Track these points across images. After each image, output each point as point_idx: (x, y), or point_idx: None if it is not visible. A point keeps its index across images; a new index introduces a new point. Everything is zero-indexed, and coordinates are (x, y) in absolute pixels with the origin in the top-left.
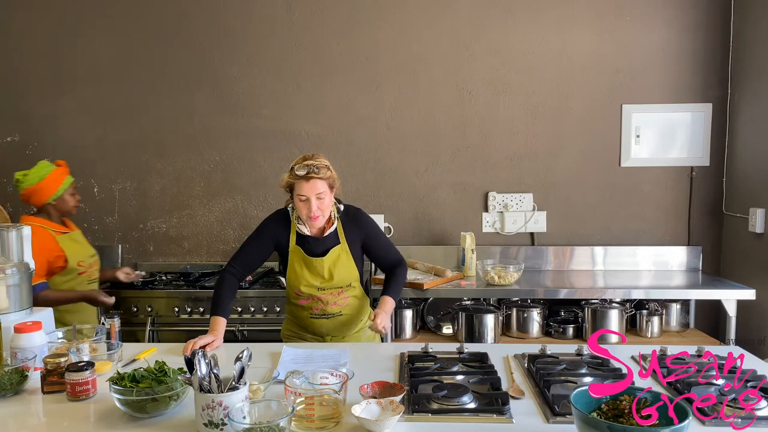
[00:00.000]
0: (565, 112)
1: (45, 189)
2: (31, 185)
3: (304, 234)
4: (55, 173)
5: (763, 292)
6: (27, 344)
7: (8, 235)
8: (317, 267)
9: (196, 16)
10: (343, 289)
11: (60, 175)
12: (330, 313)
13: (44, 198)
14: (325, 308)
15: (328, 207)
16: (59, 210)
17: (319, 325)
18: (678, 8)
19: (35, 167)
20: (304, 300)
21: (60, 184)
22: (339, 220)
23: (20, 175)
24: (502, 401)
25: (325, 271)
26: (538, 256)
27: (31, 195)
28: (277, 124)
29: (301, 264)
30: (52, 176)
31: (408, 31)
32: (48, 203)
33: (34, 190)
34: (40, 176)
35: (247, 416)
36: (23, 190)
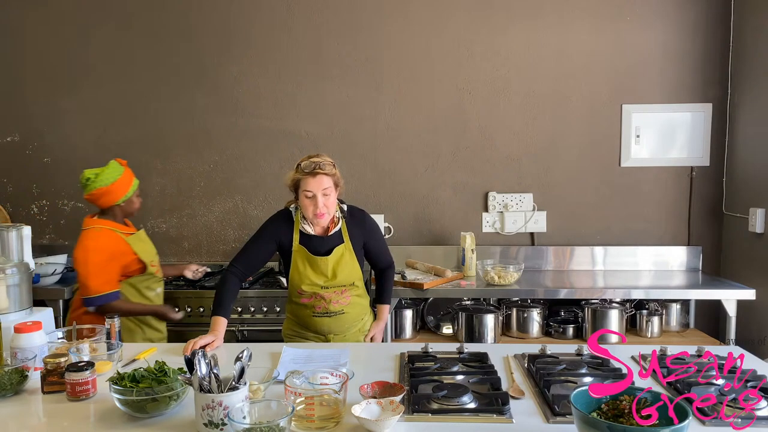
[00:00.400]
0: (565, 112)
1: (117, 190)
2: (104, 186)
3: (308, 233)
4: (126, 174)
5: (763, 292)
6: (27, 344)
7: (8, 235)
8: (321, 266)
9: (197, 16)
10: (346, 288)
11: (129, 176)
12: (332, 311)
13: (115, 199)
14: (328, 306)
15: (333, 205)
16: (125, 211)
17: (321, 323)
18: (678, 8)
19: (107, 167)
20: (307, 298)
21: (130, 186)
22: (343, 219)
23: (91, 174)
24: (502, 401)
25: (329, 270)
26: (538, 256)
27: (102, 196)
28: (277, 124)
29: (305, 263)
30: (124, 177)
31: (408, 31)
32: (116, 204)
33: (107, 191)
34: (114, 177)
35: (247, 416)
36: (94, 191)
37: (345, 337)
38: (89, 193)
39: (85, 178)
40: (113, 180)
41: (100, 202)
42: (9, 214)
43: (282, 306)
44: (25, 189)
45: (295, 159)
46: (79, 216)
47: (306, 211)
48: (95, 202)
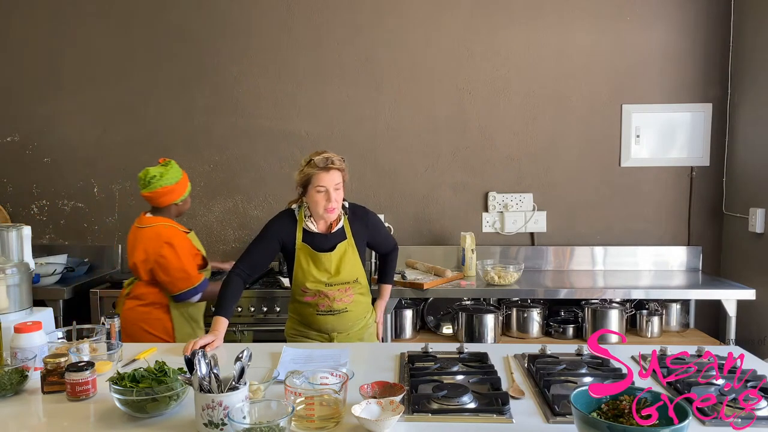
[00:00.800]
0: (565, 112)
1: (178, 189)
2: (169, 184)
3: (311, 231)
4: (185, 175)
5: (763, 292)
6: (27, 344)
7: (8, 235)
8: (324, 262)
9: (197, 16)
10: (350, 285)
11: (187, 177)
12: (336, 309)
13: (174, 198)
14: (332, 304)
15: (341, 200)
16: (179, 210)
17: (325, 321)
18: (678, 8)
19: (170, 167)
20: (311, 297)
21: (187, 186)
22: (345, 216)
23: (156, 172)
24: (502, 401)
25: (332, 266)
26: (538, 256)
27: (164, 194)
28: (277, 124)
29: (308, 260)
30: (184, 177)
31: (408, 31)
32: (174, 203)
33: (170, 190)
34: (177, 177)
35: (247, 416)
36: (159, 188)
37: (348, 335)
38: (153, 191)
39: (150, 175)
40: (177, 179)
41: (160, 200)
42: (9, 214)
43: (282, 306)
44: (25, 189)
45: (295, 159)
46: (79, 216)
47: (317, 206)
48: (155, 200)
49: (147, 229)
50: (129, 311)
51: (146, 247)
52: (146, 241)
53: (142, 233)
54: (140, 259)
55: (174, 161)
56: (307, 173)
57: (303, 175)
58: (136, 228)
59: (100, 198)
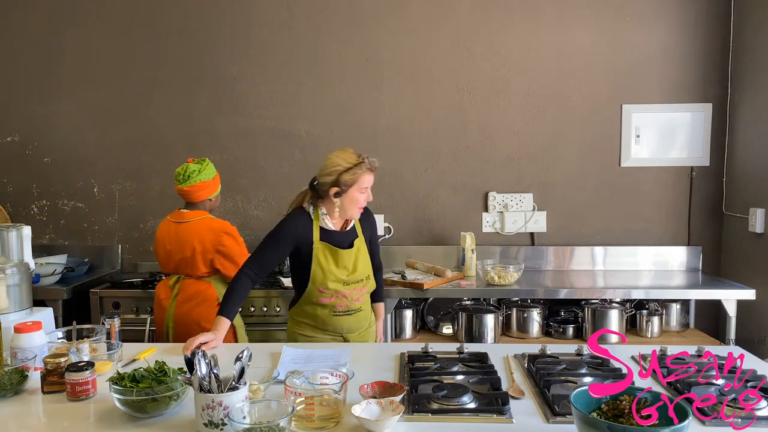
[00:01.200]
0: (565, 112)
1: (213, 185)
2: (207, 179)
3: (328, 229)
4: (218, 173)
5: (763, 292)
6: (27, 344)
7: (8, 235)
8: (344, 259)
9: (197, 16)
10: (363, 283)
11: (218, 175)
12: (353, 309)
13: (209, 193)
14: (350, 304)
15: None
16: (211, 207)
17: (342, 322)
18: (678, 8)
19: (206, 164)
20: (328, 298)
21: (219, 183)
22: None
23: (195, 167)
24: (502, 401)
25: (350, 263)
26: (538, 256)
27: (201, 189)
28: (277, 124)
29: (328, 258)
30: (217, 174)
31: (408, 31)
32: (208, 199)
33: (207, 185)
34: (213, 173)
35: (247, 416)
36: (198, 182)
37: (359, 335)
38: (192, 185)
39: (190, 170)
40: (213, 175)
41: (197, 195)
42: (9, 214)
43: (282, 306)
44: (25, 189)
45: (295, 159)
46: (79, 216)
47: (354, 206)
48: (192, 194)
49: (193, 223)
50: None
51: (202, 239)
52: (200, 234)
53: (187, 228)
54: (198, 252)
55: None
56: (357, 174)
57: (354, 175)
58: (175, 224)
59: (100, 198)
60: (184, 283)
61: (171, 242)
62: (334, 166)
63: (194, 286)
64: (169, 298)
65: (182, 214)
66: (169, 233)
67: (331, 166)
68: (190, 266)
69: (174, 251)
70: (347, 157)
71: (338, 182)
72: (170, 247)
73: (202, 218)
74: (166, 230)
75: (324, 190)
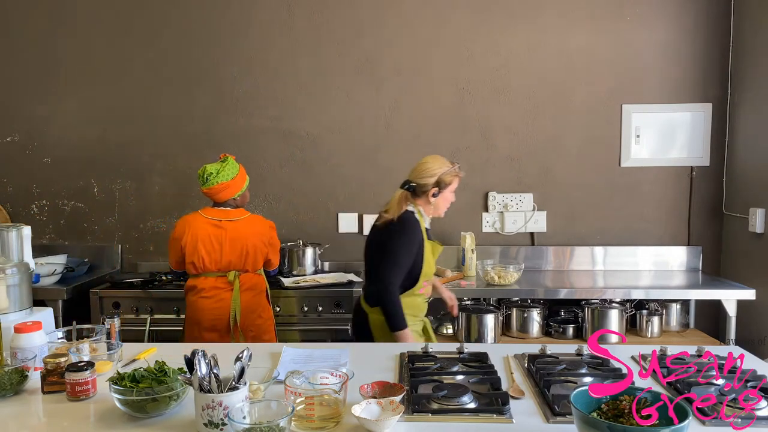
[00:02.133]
0: (565, 112)
1: (234, 185)
2: (226, 180)
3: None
4: (242, 170)
5: (763, 292)
6: (27, 344)
7: (8, 235)
8: (438, 251)
9: (197, 16)
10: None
11: (244, 171)
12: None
13: (232, 193)
14: (432, 293)
15: None
16: (241, 203)
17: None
18: (678, 8)
19: (227, 164)
20: (423, 288)
21: (245, 180)
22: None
23: (213, 169)
24: (502, 401)
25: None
26: (538, 256)
27: (222, 190)
28: (277, 124)
29: (431, 253)
30: (241, 172)
31: (408, 31)
32: (233, 198)
33: (226, 186)
34: (233, 173)
35: (247, 416)
36: (216, 185)
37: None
38: (210, 187)
39: (207, 173)
40: (233, 175)
41: (219, 196)
42: (9, 214)
43: (283, 306)
44: (25, 189)
45: (295, 159)
46: (79, 216)
47: (446, 204)
48: (214, 196)
49: (242, 221)
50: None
51: (259, 237)
52: (255, 233)
53: (237, 227)
54: (258, 249)
55: (231, 157)
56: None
57: (451, 177)
58: (218, 223)
59: (100, 198)
60: (244, 277)
61: (219, 242)
62: (435, 168)
63: (253, 279)
64: (231, 291)
65: (227, 212)
66: (217, 233)
67: (432, 169)
68: (250, 263)
69: (226, 250)
70: (443, 162)
71: (438, 183)
72: (219, 246)
73: (250, 216)
74: (205, 231)
75: (424, 191)
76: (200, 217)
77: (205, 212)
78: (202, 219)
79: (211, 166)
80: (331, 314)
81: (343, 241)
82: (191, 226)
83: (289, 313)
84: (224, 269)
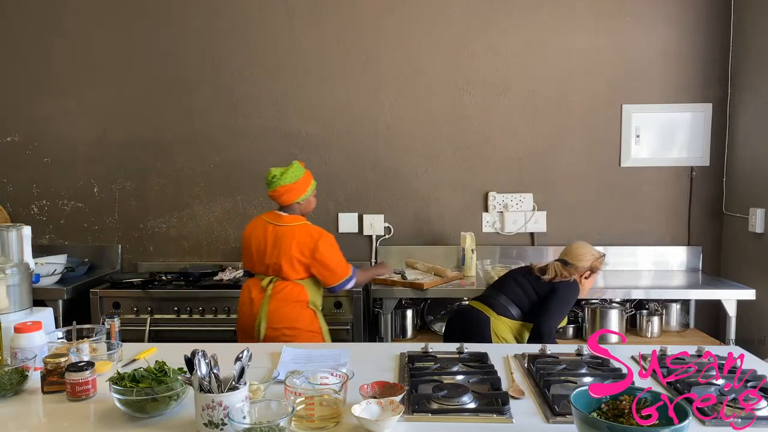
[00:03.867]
0: (565, 112)
1: (297, 189)
2: (288, 183)
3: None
4: (307, 174)
5: (763, 292)
6: (27, 344)
7: (8, 235)
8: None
9: (197, 16)
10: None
11: (308, 177)
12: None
13: (296, 196)
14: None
15: None
16: (303, 209)
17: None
18: (678, 8)
19: (291, 167)
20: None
21: (309, 185)
22: None
23: (277, 172)
24: (502, 401)
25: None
26: (538, 256)
27: (286, 193)
28: (277, 124)
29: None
30: (305, 177)
31: (408, 31)
32: (296, 202)
33: (291, 188)
34: (296, 177)
35: (247, 416)
36: (278, 187)
37: None
38: (273, 190)
39: (271, 175)
40: (295, 179)
41: (282, 199)
42: (9, 214)
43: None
44: (25, 189)
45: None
46: (79, 216)
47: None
48: (277, 198)
49: (291, 228)
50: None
51: (300, 246)
52: (298, 241)
53: (284, 232)
54: (295, 258)
55: (300, 163)
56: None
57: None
58: (273, 226)
59: (100, 198)
60: (278, 285)
61: (266, 243)
62: (590, 255)
63: (288, 288)
64: (262, 297)
65: (280, 217)
66: (266, 234)
67: (588, 255)
68: (287, 270)
69: (269, 254)
70: (593, 251)
71: (592, 267)
72: (264, 247)
73: (299, 224)
74: (261, 230)
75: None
76: (261, 218)
77: (267, 215)
78: (261, 220)
79: (275, 169)
80: (331, 314)
81: (343, 241)
82: (252, 226)
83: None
84: (264, 273)
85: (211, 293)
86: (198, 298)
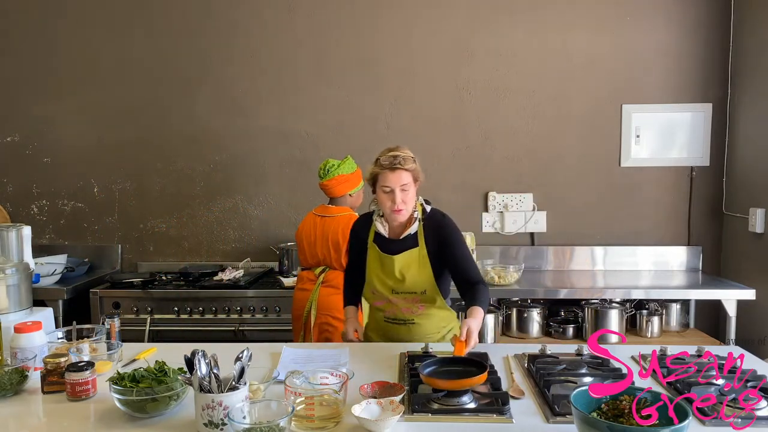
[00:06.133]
0: (565, 112)
1: (353, 180)
2: (346, 173)
3: (380, 233)
4: (359, 169)
5: (763, 292)
6: (27, 344)
7: (8, 235)
8: (388, 265)
9: (197, 16)
10: (417, 296)
11: (360, 172)
12: (401, 318)
13: (349, 189)
14: (397, 313)
15: (411, 200)
16: (353, 202)
17: (394, 330)
18: (678, 8)
19: (346, 159)
20: (379, 301)
21: (361, 180)
22: (422, 222)
23: (335, 162)
24: (502, 401)
25: (396, 271)
26: (538, 256)
27: (341, 183)
28: (277, 124)
29: (376, 261)
30: (358, 171)
31: (408, 31)
32: (349, 194)
33: (346, 179)
34: (352, 168)
35: (247, 416)
36: (337, 176)
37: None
38: (331, 178)
39: (330, 164)
40: (353, 170)
41: (337, 189)
42: (9, 214)
43: (282, 306)
44: (25, 189)
45: (295, 159)
46: (79, 216)
47: (384, 206)
48: (332, 188)
49: (337, 218)
50: (326, 300)
51: (346, 235)
52: (345, 230)
53: (331, 222)
54: (343, 247)
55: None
56: (374, 173)
57: (369, 174)
58: (321, 218)
59: (100, 198)
60: (330, 274)
61: (315, 236)
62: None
63: (340, 278)
64: (313, 286)
65: (327, 209)
66: (315, 227)
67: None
68: (336, 260)
69: (319, 245)
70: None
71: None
72: (314, 240)
73: (345, 214)
74: (311, 223)
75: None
76: (311, 213)
77: (316, 209)
78: (311, 215)
79: (332, 159)
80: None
81: None
82: (304, 221)
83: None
84: (315, 264)
85: (211, 293)
86: (198, 298)
